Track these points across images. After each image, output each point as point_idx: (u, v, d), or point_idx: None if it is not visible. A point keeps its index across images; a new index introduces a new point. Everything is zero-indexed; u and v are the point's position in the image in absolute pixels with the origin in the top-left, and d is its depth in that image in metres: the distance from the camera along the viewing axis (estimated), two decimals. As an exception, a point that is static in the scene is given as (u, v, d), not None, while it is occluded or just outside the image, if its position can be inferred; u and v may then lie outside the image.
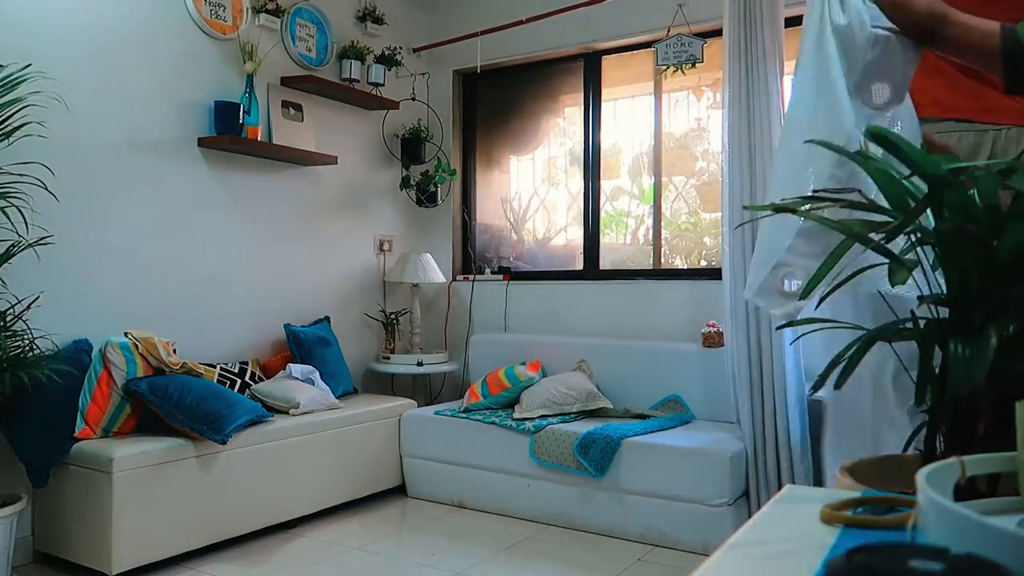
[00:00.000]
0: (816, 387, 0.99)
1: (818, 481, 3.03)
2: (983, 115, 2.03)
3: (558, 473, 3.23)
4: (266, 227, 3.77)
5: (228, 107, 3.42)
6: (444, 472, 3.60)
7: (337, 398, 3.61)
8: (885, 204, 0.92)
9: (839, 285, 1.07)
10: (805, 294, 1.02)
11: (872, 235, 0.90)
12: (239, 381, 3.40)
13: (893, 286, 0.81)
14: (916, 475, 0.61)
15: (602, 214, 4.35)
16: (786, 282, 1.72)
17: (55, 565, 2.81)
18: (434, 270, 4.33)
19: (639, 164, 4.51)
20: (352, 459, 3.50)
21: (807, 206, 1.00)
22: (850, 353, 0.91)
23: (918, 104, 2.16)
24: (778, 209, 0.99)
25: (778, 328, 1.15)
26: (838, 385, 0.93)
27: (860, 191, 0.97)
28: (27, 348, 2.61)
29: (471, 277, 4.60)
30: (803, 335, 1.22)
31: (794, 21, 3.71)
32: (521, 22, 4.13)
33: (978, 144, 2.04)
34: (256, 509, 3.08)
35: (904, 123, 1.99)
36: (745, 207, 2.78)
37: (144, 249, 3.24)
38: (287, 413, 3.31)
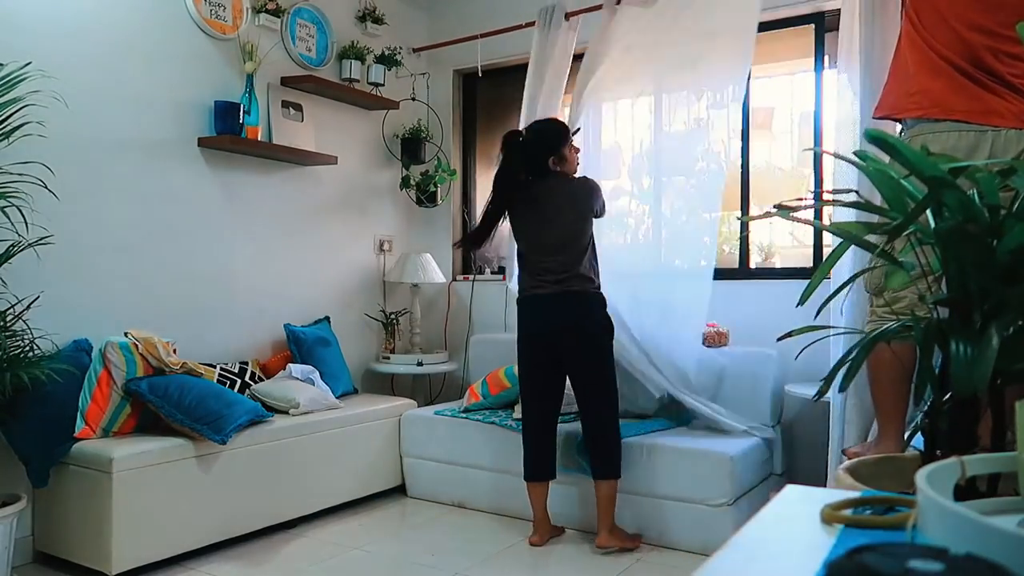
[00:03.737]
0: (821, 393, 0.99)
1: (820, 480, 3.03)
2: (983, 117, 2.07)
3: (558, 473, 3.23)
4: (266, 227, 3.77)
5: (228, 107, 3.42)
6: (444, 472, 3.60)
7: (337, 398, 3.62)
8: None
9: (839, 290, 1.07)
10: (802, 300, 1.03)
11: (872, 237, 0.90)
12: (239, 381, 3.40)
13: (892, 287, 0.81)
14: (916, 475, 0.61)
15: (602, 214, 4.34)
16: None
17: (55, 565, 2.81)
18: (434, 270, 4.33)
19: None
20: (352, 459, 3.51)
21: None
22: (853, 355, 0.91)
23: (920, 106, 2.18)
24: (779, 207, 0.99)
25: (779, 339, 1.15)
26: (843, 387, 0.93)
27: (857, 192, 0.97)
28: (27, 348, 2.61)
29: (471, 277, 4.59)
30: (808, 346, 1.23)
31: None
32: (520, 26, 4.13)
33: (976, 144, 2.06)
34: (256, 509, 3.08)
35: None
36: (740, 218, 2.80)
37: (144, 249, 3.24)
38: (287, 413, 3.31)
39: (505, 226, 3.16)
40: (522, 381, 3.14)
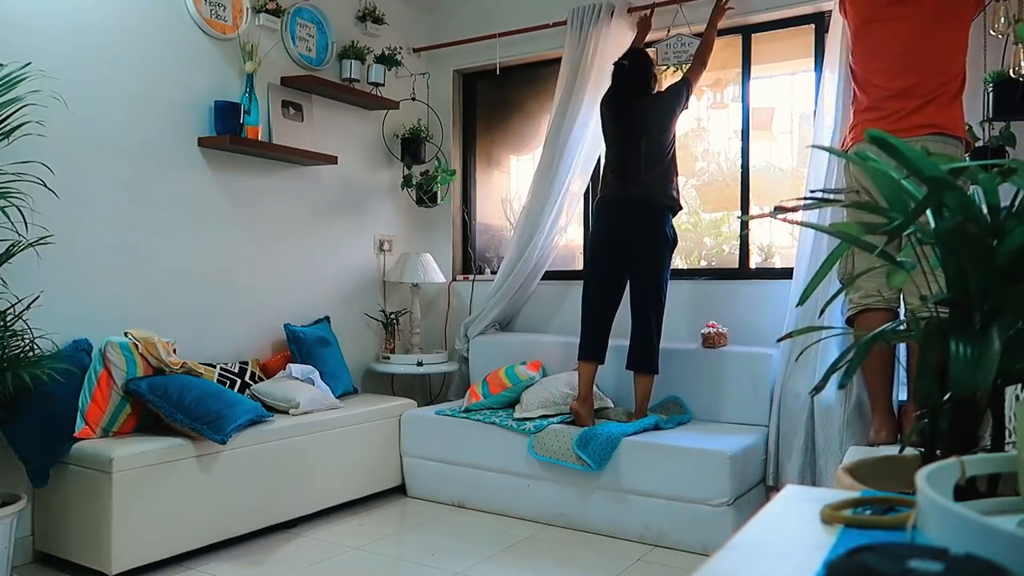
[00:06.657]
0: (818, 388, 0.99)
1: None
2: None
3: (558, 472, 3.23)
4: (266, 227, 3.77)
5: (228, 107, 3.42)
6: (444, 472, 3.60)
7: (337, 398, 3.61)
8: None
9: (839, 292, 1.07)
10: (801, 301, 1.03)
11: (871, 237, 0.90)
12: (239, 381, 3.40)
13: (891, 287, 0.81)
14: (916, 475, 0.61)
15: (602, 214, 4.34)
16: None
17: (55, 565, 2.81)
18: (434, 270, 4.33)
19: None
20: (352, 459, 3.50)
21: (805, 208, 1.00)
22: (852, 355, 0.91)
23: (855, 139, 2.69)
24: (778, 209, 0.99)
25: (778, 340, 1.16)
26: (842, 384, 0.93)
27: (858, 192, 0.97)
28: (27, 348, 2.61)
29: (471, 277, 4.59)
30: (807, 347, 1.23)
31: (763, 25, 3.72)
32: (536, 28, 4.13)
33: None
34: (256, 509, 3.08)
35: None
36: (740, 217, 2.91)
37: (144, 249, 3.24)
38: (287, 413, 3.31)
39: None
40: (588, 277, 3.49)
